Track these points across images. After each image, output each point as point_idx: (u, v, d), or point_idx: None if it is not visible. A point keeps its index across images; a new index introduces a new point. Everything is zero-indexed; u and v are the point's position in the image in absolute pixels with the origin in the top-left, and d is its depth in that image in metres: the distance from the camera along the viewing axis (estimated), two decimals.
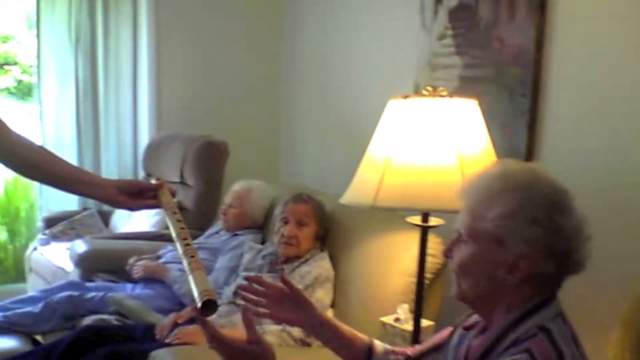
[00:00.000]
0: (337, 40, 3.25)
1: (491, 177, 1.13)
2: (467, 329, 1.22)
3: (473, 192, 1.14)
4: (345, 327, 1.40)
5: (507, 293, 1.09)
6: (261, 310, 1.34)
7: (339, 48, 3.23)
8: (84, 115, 3.57)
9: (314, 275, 2.25)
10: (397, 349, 1.39)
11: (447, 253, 1.18)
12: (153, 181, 1.50)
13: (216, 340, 1.17)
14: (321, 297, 2.24)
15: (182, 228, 1.32)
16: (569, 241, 1.07)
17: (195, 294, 1.15)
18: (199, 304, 1.13)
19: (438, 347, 1.32)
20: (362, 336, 1.39)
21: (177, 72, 3.70)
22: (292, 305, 1.33)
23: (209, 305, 1.14)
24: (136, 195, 1.46)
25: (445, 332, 1.33)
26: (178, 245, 1.28)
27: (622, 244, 1.80)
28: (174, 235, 1.32)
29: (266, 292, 1.35)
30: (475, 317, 1.22)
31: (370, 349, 1.36)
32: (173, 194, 1.46)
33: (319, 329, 1.35)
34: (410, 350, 1.38)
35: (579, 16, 1.96)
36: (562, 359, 0.99)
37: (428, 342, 1.38)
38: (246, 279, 1.42)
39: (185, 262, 1.22)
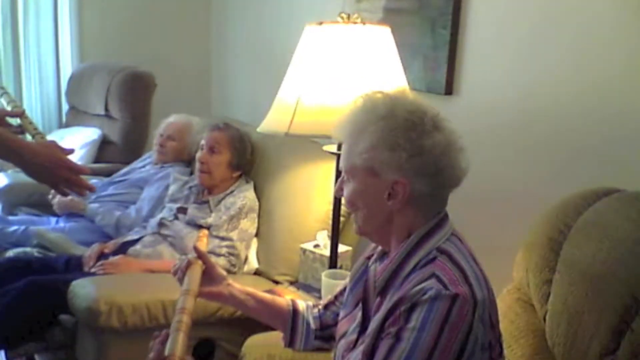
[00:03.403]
0: None
1: (357, 112, 1.17)
2: (368, 258, 1.28)
3: (344, 129, 1.18)
4: (262, 293, 1.43)
5: (396, 218, 1.14)
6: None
7: None
8: (4, 47, 3.40)
9: (238, 206, 2.28)
10: (315, 302, 1.45)
11: (339, 192, 1.23)
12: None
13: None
14: (246, 227, 2.28)
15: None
16: (437, 159, 1.11)
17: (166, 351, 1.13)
18: None
19: (344, 291, 1.36)
20: (282, 300, 1.43)
21: None
22: (209, 280, 1.36)
23: None
24: None
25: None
26: (180, 301, 1.26)
27: (526, 171, 1.88)
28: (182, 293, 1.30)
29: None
30: (374, 246, 1.28)
31: (294, 309, 1.40)
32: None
33: (245, 298, 1.38)
34: (325, 300, 1.43)
35: None
36: (464, 274, 1.05)
37: (338, 289, 1.42)
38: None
39: (175, 319, 1.21)
